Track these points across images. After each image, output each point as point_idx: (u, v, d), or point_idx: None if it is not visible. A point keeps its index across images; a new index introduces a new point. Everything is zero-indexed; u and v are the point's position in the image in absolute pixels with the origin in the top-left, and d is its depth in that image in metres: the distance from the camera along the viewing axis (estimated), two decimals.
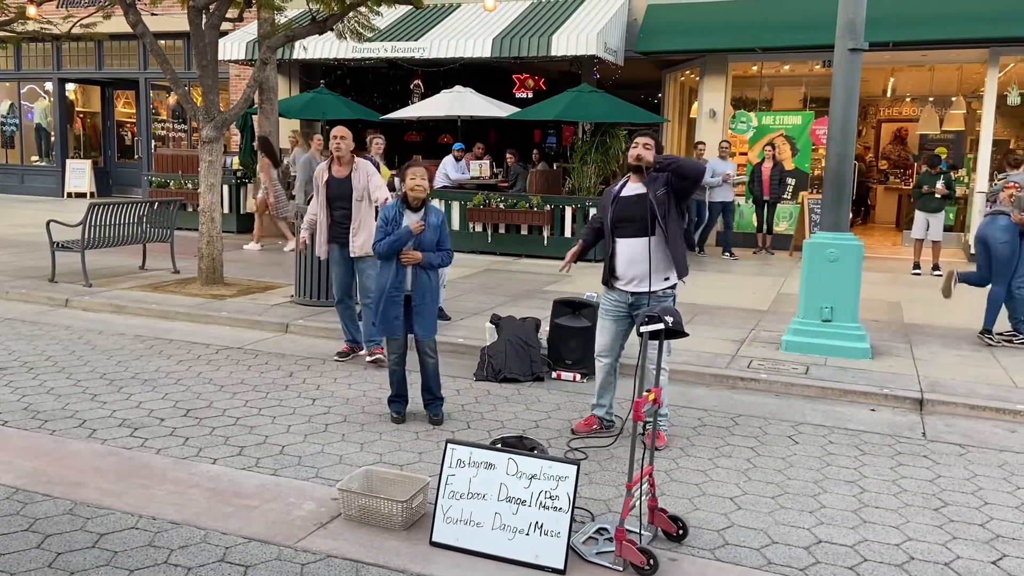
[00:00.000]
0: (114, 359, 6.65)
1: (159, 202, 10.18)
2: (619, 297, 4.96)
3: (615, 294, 4.97)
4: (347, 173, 6.52)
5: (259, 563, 3.48)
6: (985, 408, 5.74)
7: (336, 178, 6.55)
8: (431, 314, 5.24)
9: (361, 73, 17.45)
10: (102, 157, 20.99)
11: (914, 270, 11.36)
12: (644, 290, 4.83)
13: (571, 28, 13.19)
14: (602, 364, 5.12)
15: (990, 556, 3.75)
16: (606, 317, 5.05)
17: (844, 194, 6.94)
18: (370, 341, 6.65)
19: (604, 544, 3.65)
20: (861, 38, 6.76)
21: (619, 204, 4.87)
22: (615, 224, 4.87)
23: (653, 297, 4.82)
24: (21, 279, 9.46)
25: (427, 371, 5.29)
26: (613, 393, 5.21)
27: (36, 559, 3.47)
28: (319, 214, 6.63)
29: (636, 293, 4.87)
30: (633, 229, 4.79)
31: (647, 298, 4.82)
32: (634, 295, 4.89)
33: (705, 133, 14.27)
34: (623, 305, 4.96)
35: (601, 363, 5.12)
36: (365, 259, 6.47)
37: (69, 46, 19.50)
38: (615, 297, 4.98)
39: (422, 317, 5.19)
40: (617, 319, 5.01)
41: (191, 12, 9.00)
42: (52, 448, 4.69)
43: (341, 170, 6.55)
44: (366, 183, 6.48)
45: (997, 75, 12.69)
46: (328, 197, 6.57)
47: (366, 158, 7.22)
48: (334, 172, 6.57)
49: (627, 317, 4.99)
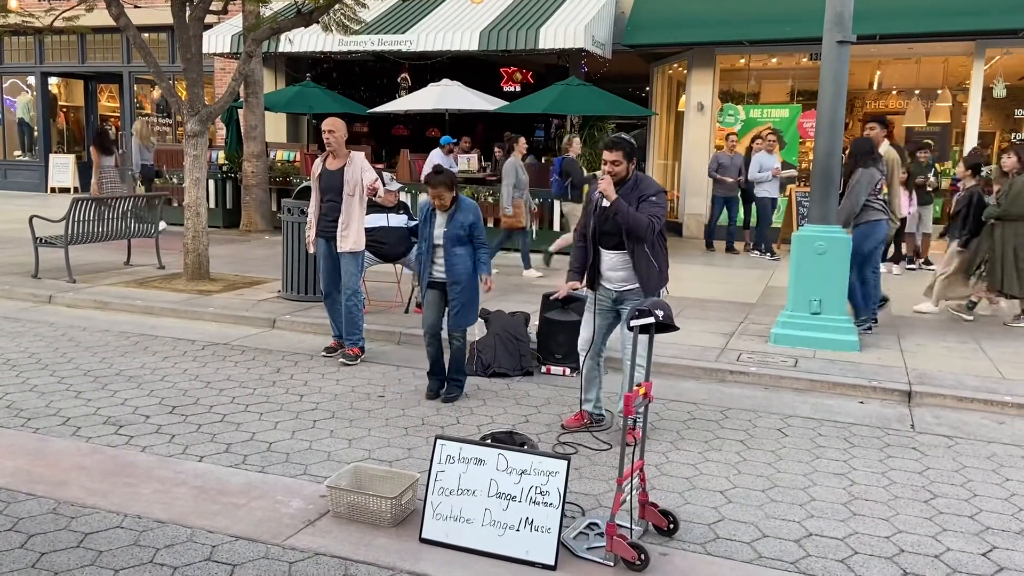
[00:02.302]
0: (98, 356, 6.58)
1: (144, 197, 10.08)
2: (604, 294, 4.98)
3: (601, 291, 4.98)
4: (340, 166, 6.44)
5: (246, 562, 3.45)
6: (973, 400, 5.76)
7: (329, 170, 6.49)
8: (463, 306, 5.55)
9: (348, 66, 17.35)
10: (86, 152, 20.80)
11: (908, 264, 11.38)
12: (629, 287, 4.86)
13: (559, 21, 13.15)
14: (584, 358, 5.12)
15: (980, 548, 3.75)
16: (590, 311, 5.06)
17: (832, 187, 6.94)
18: (348, 338, 6.57)
19: (595, 539, 3.63)
20: (849, 31, 6.76)
21: (599, 216, 4.84)
22: (596, 234, 4.88)
23: (637, 291, 4.84)
24: (3, 275, 9.34)
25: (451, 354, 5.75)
26: (599, 387, 5.21)
27: (19, 559, 3.42)
28: (311, 207, 6.61)
29: (621, 290, 4.89)
30: (614, 242, 4.82)
31: (632, 293, 4.85)
32: (619, 291, 4.91)
33: (693, 126, 14.27)
34: (608, 301, 4.98)
35: (583, 357, 5.12)
36: (345, 255, 6.42)
37: (52, 39, 19.29)
38: (600, 294, 5.00)
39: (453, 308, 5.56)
40: (602, 313, 5.01)
41: (175, 4, 8.90)
42: (35, 447, 4.63)
43: (335, 163, 6.48)
44: (359, 178, 6.41)
45: (983, 68, 12.74)
46: (320, 190, 6.53)
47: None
48: (327, 165, 6.51)
49: (612, 311, 5.00)
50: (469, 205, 5.53)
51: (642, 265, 4.77)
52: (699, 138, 14.32)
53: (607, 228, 4.79)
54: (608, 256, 4.87)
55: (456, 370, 5.74)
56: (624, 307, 4.89)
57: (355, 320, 6.53)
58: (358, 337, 6.59)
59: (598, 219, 4.82)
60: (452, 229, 5.46)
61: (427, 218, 5.58)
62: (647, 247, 4.76)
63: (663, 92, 16.06)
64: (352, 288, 6.47)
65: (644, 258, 4.76)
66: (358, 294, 6.52)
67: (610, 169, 4.71)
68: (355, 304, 6.50)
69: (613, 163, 4.69)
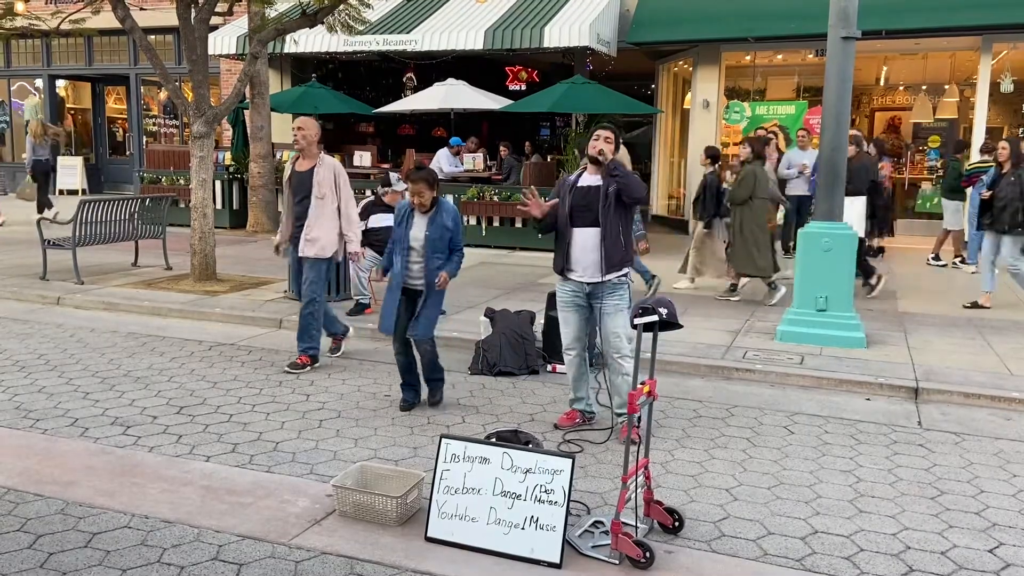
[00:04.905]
0: (106, 357, 6.61)
1: (151, 198, 10.12)
2: (575, 288, 4.99)
3: (570, 284, 5.00)
4: (310, 167, 6.23)
5: (253, 561, 3.46)
6: (980, 396, 5.74)
7: (298, 172, 6.29)
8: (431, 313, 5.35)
9: (353, 66, 17.36)
10: (93, 154, 20.88)
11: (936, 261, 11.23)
12: (598, 280, 4.87)
13: (564, 19, 13.14)
14: (570, 357, 5.12)
15: (986, 544, 3.74)
16: (566, 309, 5.05)
17: (838, 183, 6.92)
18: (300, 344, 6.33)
19: (600, 537, 3.63)
20: (854, 26, 6.73)
21: (576, 193, 4.92)
22: (571, 212, 4.90)
23: (607, 285, 4.87)
24: (12, 277, 9.40)
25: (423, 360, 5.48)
26: (588, 384, 5.22)
27: (28, 559, 3.45)
28: (284, 209, 6.44)
29: (591, 283, 4.90)
30: (589, 219, 4.85)
31: (602, 287, 4.88)
32: (589, 284, 4.92)
33: (698, 124, 14.23)
34: (580, 295, 4.99)
35: (569, 356, 5.12)
36: (308, 261, 6.20)
37: (59, 42, 19.37)
38: (570, 287, 5.00)
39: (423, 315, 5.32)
40: (577, 308, 5.03)
41: (180, 6, 8.93)
42: (44, 447, 4.66)
43: (304, 164, 6.28)
44: (331, 181, 6.17)
45: (990, 62, 12.67)
46: (291, 192, 6.33)
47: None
48: (297, 166, 6.32)
49: (586, 307, 5.01)
50: (450, 209, 5.30)
51: (611, 238, 4.82)
52: (705, 135, 14.28)
53: (583, 203, 4.87)
54: (581, 235, 4.87)
55: (433, 371, 5.49)
56: (597, 302, 4.91)
57: (309, 329, 6.26)
58: (309, 346, 6.30)
59: (574, 196, 4.89)
60: (433, 232, 5.20)
61: (405, 219, 5.30)
62: (620, 223, 4.85)
63: (668, 90, 16.03)
64: (310, 296, 6.20)
65: (615, 232, 4.84)
66: (315, 303, 6.23)
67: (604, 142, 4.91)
68: (311, 313, 6.22)
69: (606, 139, 4.93)
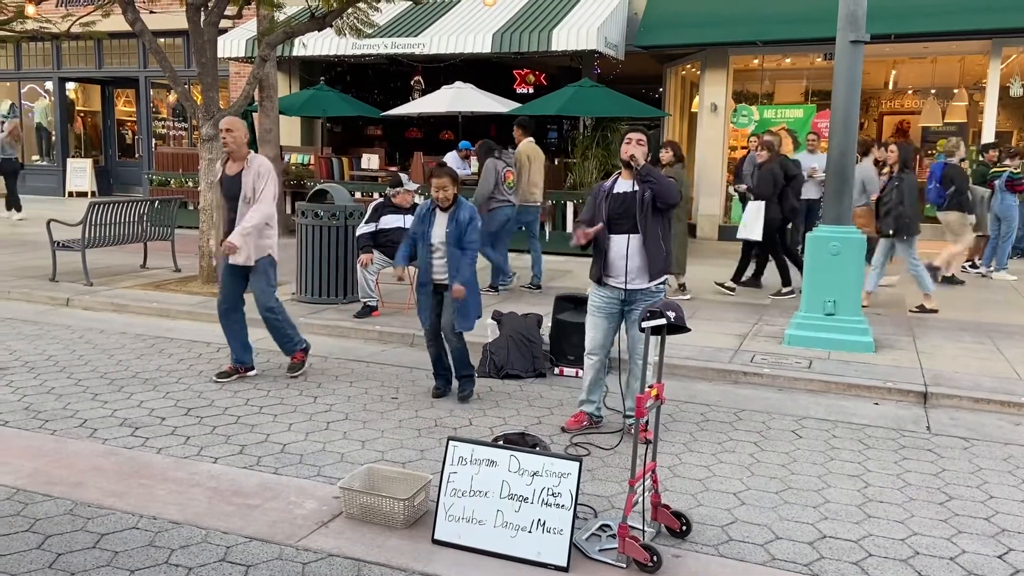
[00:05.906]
0: (115, 358, 6.64)
1: (160, 200, 10.16)
2: (611, 293, 4.96)
3: (606, 290, 4.97)
4: (239, 171, 5.84)
5: (260, 562, 3.47)
6: (989, 401, 5.71)
7: (228, 175, 5.90)
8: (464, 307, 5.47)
9: (361, 70, 17.41)
10: (103, 156, 20.97)
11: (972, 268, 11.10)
12: (637, 287, 4.86)
13: (571, 23, 13.15)
14: (592, 361, 5.11)
15: (996, 550, 3.72)
16: (598, 314, 5.03)
17: (846, 187, 6.90)
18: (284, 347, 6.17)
19: (607, 541, 3.63)
20: (863, 30, 6.72)
21: (612, 201, 4.89)
22: (610, 220, 4.88)
23: (647, 292, 4.86)
24: (22, 279, 9.45)
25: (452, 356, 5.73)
26: (602, 390, 5.21)
27: (37, 560, 3.46)
28: (221, 214, 6.09)
29: (629, 290, 4.88)
30: (627, 226, 4.84)
31: (640, 294, 4.86)
32: (627, 291, 4.89)
33: (706, 127, 14.22)
34: (615, 301, 4.96)
35: (591, 360, 5.11)
36: (256, 268, 5.90)
37: (69, 45, 19.47)
38: (606, 293, 4.98)
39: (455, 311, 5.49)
40: (609, 316, 5.00)
41: (190, 10, 8.97)
42: (53, 448, 4.68)
43: (233, 167, 5.88)
44: (262, 184, 5.80)
45: (999, 67, 12.63)
46: (223, 196, 6.01)
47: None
48: (227, 169, 5.93)
49: (619, 314, 4.99)
50: (468, 205, 5.52)
51: (653, 245, 4.81)
52: (712, 139, 14.27)
53: (621, 210, 4.84)
54: (618, 242, 4.85)
55: (462, 367, 5.72)
56: (632, 308, 4.90)
57: (282, 330, 6.07)
58: (292, 343, 6.14)
59: (611, 204, 4.87)
60: (455, 229, 5.40)
61: (425, 217, 5.51)
62: (659, 228, 4.83)
63: (676, 93, 16.02)
64: (266, 305, 5.94)
65: (655, 238, 4.83)
66: (274, 310, 5.98)
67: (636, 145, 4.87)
68: (275, 318, 6.00)
69: (638, 142, 4.88)
